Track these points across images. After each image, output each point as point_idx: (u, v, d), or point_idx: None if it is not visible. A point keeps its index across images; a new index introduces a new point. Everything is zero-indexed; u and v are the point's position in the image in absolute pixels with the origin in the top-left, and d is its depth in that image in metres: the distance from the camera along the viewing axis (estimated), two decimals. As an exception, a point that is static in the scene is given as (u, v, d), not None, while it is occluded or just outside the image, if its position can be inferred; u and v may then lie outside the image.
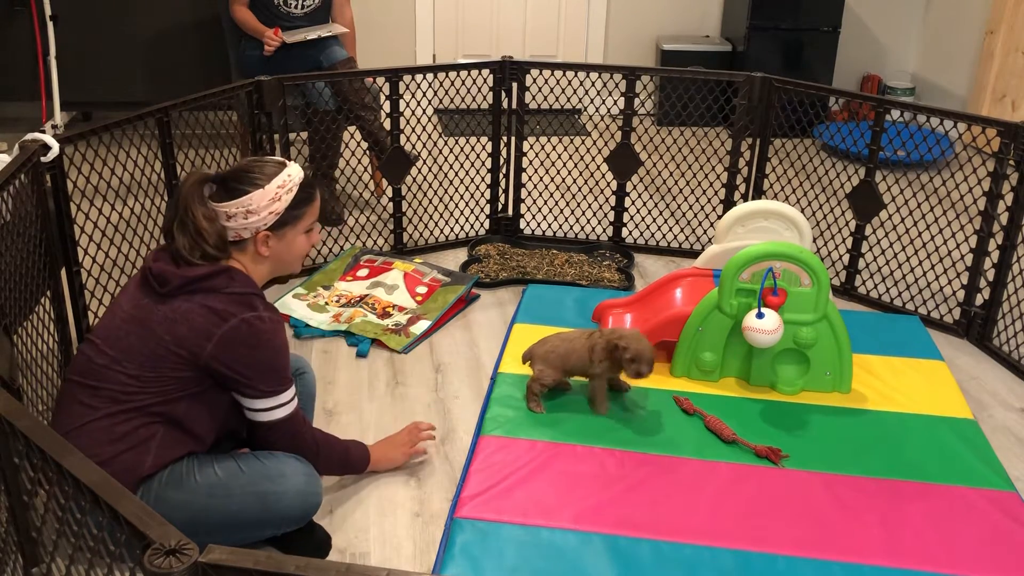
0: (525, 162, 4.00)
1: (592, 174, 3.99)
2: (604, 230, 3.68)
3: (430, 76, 3.45)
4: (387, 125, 3.55)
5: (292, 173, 1.96)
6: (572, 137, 4.63)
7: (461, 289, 3.10)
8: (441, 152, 3.70)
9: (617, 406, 2.48)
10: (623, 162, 3.43)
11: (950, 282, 3.14)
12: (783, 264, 2.46)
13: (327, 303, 3.07)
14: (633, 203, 3.61)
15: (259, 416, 1.94)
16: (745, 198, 3.44)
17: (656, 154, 4.45)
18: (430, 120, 4.94)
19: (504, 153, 3.51)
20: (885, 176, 3.82)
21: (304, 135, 3.81)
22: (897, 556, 1.99)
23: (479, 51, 5.22)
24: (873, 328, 2.92)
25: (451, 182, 3.58)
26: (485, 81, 3.41)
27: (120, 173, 2.70)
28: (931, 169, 4.30)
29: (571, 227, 3.73)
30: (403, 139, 3.34)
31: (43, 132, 2.34)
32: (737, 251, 2.56)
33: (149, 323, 1.85)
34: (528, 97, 3.45)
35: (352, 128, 3.73)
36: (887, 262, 3.30)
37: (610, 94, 4.69)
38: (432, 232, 3.65)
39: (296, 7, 3.73)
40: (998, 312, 2.94)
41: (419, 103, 3.73)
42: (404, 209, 3.58)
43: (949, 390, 2.60)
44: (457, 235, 3.62)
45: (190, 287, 1.85)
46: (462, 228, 3.65)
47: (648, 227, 3.70)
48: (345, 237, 3.59)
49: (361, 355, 2.82)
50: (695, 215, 3.68)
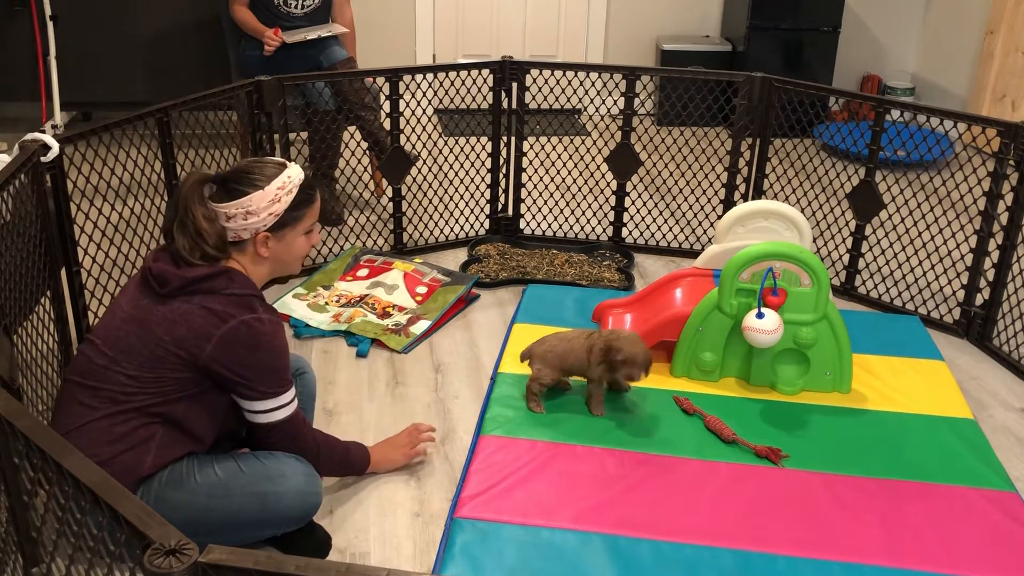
0: (525, 162, 4.00)
1: (592, 174, 3.99)
2: (604, 230, 3.68)
3: (430, 76, 3.45)
4: (387, 125, 3.55)
5: (292, 174, 1.96)
6: (572, 137, 4.63)
7: (461, 289, 3.10)
8: (441, 152, 3.70)
9: (617, 406, 2.48)
10: (623, 162, 3.43)
11: (950, 282, 3.14)
12: (783, 264, 2.46)
13: (327, 303, 3.07)
14: (633, 203, 3.61)
15: (258, 418, 1.94)
16: (745, 198, 3.44)
17: (656, 154, 4.45)
18: (430, 120, 4.94)
19: (504, 153, 3.51)
20: (885, 176, 3.83)
21: (304, 135, 3.81)
22: (897, 556, 1.99)
23: (479, 51, 5.22)
24: (873, 328, 2.92)
25: (451, 182, 3.58)
26: (485, 81, 3.41)
27: (120, 173, 2.70)
28: (931, 169, 4.30)
29: (571, 227, 3.73)
30: (403, 139, 3.34)
31: (43, 132, 2.34)
32: (737, 251, 2.56)
33: (148, 324, 1.85)
34: (528, 97, 3.45)
35: (352, 128, 3.73)
36: (887, 262, 3.30)
37: (610, 94, 4.70)
38: (432, 232, 3.65)
39: (296, 7, 3.73)
40: (998, 312, 2.94)
41: (419, 103, 3.73)
42: (404, 209, 3.58)
43: (949, 390, 2.60)
44: (457, 235, 3.62)
45: (190, 288, 1.85)
46: (462, 228, 3.65)
47: (648, 227, 3.70)
48: (345, 237, 3.59)
49: (361, 355, 2.82)
50: (695, 215, 3.68)
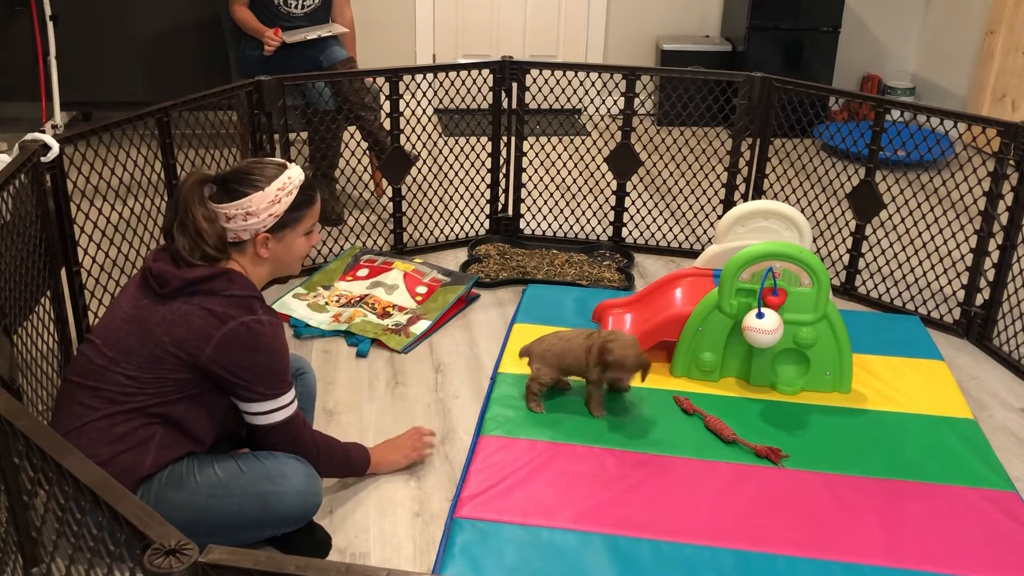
0: (525, 162, 4.00)
1: (592, 174, 3.99)
2: (604, 230, 3.68)
3: (430, 76, 3.45)
4: (387, 125, 3.55)
5: (292, 175, 1.96)
6: (572, 137, 4.63)
7: (461, 289, 3.10)
8: (441, 152, 3.70)
9: (617, 406, 2.48)
10: (623, 162, 3.43)
11: (950, 282, 3.14)
12: (783, 264, 2.46)
13: (327, 303, 3.07)
14: (633, 203, 3.61)
15: (258, 420, 1.94)
16: (745, 198, 3.44)
17: (656, 154, 4.45)
18: (430, 120, 4.94)
19: (504, 153, 3.51)
20: (885, 176, 3.83)
21: (304, 135, 3.81)
22: (897, 556, 1.99)
23: (479, 51, 5.22)
24: (873, 328, 2.92)
25: (451, 182, 3.58)
26: (485, 81, 3.41)
27: (120, 173, 2.70)
28: (931, 169, 4.30)
29: (571, 227, 3.73)
30: (403, 139, 3.34)
31: (43, 132, 2.34)
32: (737, 251, 2.56)
33: (148, 324, 1.85)
34: (528, 97, 3.45)
35: (352, 128, 3.73)
36: (887, 262, 3.30)
37: (610, 94, 4.70)
38: (432, 232, 3.65)
39: (296, 7, 3.73)
40: (998, 312, 2.94)
41: (419, 103, 3.73)
42: (404, 209, 3.58)
43: (949, 390, 2.60)
44: (457, 235, 3.62)
45: (189, 289, 1.85)
46: (462, 228, 3.65)
47: (648, 227, 3.70)
48: (345, 237, 3.59)
49: (361, 355, 2.82)
50: (695, 215, 3.68)
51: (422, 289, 3.12)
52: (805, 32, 4.90)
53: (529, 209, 3.66)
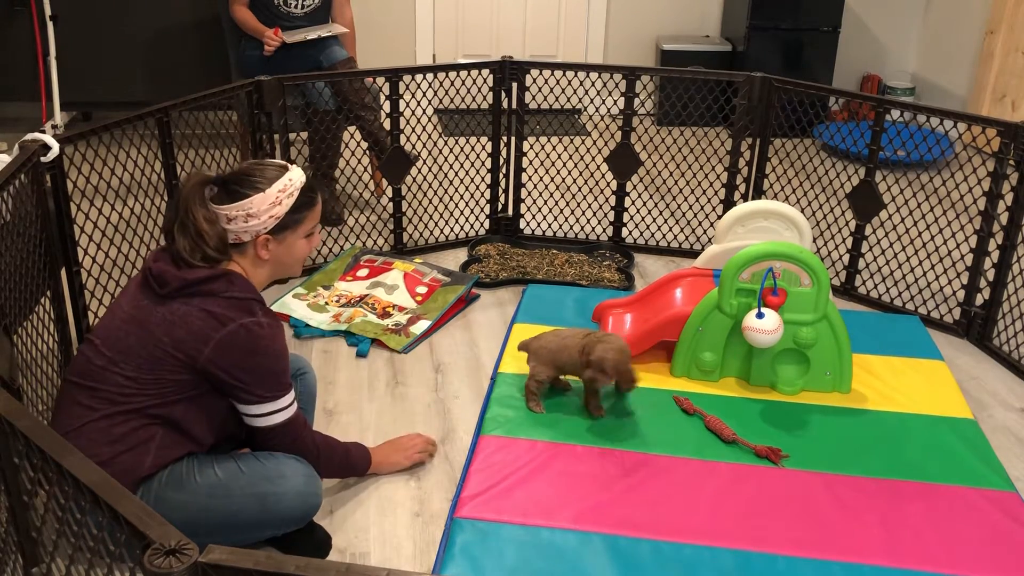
0: (525, 162, 4.00)
1: (592, 174, 3.99)
2: (604, 230, 3.68)
3: (430, 76, 3.45)
4: (387, 125, 3.55)
5: (293, 177, 1.96)
6: (572, 137, 4.63)
7: (461, 289, 3.10)
8: (441, 152, 3.70)
9: (617, 406, 2.48)
10: (623, 162, 3.43)
11: (950, 282, 3.14)
12: (783, 264, 2.46)
13: (327, 303, 3.07)
14: (633, 203, 3.61)
15: (258, 421, 1.94)
16: (745, 198, 3.44)
17: (656, 154, 4.45)
18: (430, 120, 4.94)
19: (504, 153, 3.51)
20: (885, 176, 3.83)
21: (304, 135, 3.81)
22: (897, 556, 1.99)
23: (479, 51, 5.22)
24: (873, 328, 2.92)
25: (451, 182, 3.58)
26: (485, 81, 3.41)
27: (120, 173, 2.70)
28: (931, 169, 4.30)
29: (571, 227, 3.73)
30: (403, 139, 3.34)
31: (43, 132, 2.34)
32: (737, 251, 2.56)
33: (148, 324, 1.85)
34: (528, 97, 3.45)
35: (352, 128, 3.73)
36: (887, 262, 3.30)
37: (610, 94, 4.70)
38: (432, 232, 3.65)
39: (296, 7, 3.73)
40: (998, 312, 2.94)
41: (419, 103, 3.73)
42: (404, 209, 3.58)
43: (949, 390, 2.60)
44: (457, 235, 3.62)
45: (189, 290, 1.85)
46: (462, 228, 3.65)
47: (648, 227, 3.70)
48: (345, 237, 3.59)
49: (361, 355, 2.82)
50: (695, 215, 3.68)
51: (422, 289, 3.12)
52: (805, 32, 4.90)
53: (529, 209, 3.66)
